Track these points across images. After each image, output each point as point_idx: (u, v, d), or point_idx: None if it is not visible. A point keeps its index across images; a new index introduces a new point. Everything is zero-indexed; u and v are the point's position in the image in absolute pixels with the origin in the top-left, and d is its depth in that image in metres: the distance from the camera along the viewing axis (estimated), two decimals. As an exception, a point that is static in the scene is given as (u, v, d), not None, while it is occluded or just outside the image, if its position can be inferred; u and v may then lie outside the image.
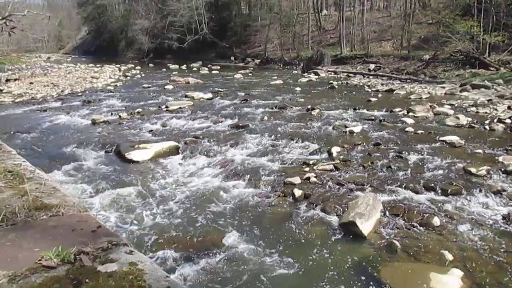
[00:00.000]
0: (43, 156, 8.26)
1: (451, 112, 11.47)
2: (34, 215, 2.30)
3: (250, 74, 27.33)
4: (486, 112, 11.43)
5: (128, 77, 25.92)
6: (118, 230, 4.71)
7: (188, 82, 21.66)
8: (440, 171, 6.72)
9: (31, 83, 21.18)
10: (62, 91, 18.52)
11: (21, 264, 1.74)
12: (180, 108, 13.20)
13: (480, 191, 5.89)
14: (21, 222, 2.22)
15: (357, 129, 9.60)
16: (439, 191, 5.97)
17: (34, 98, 16.43)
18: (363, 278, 4.05)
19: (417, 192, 5.98)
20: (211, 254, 4.43)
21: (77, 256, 1.78)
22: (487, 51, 20.50)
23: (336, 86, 18.95)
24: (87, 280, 1.61)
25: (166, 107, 13.35)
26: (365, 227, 4.84)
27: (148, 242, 4.72)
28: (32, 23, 34.31)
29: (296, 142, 8.77)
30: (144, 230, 5.00)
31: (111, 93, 17.78)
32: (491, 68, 18.85)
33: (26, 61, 32.78)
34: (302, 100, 14.73)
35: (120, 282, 1.59)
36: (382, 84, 19.35)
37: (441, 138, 8.62)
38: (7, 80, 21.65)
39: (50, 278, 1.64)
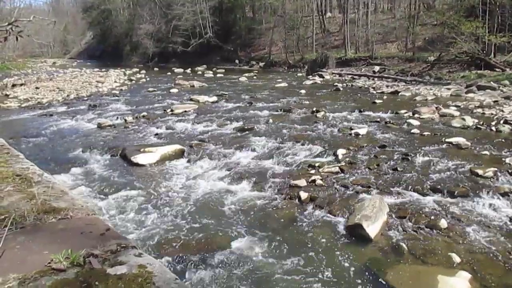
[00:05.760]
0: (50, 160, 8.30)
1: (457, 113, 11.41)
2: (43, 219, 2.32)
3: (254, 77, 27.39)
4: (492, 113, 11.36)
5: (133, 81, 26.04)
6: (126, 233, 4.72)
7: (193, 86, 21.74)
8: (447, 173, 6.68)
9: (37, 88, 21.33)
10: (67, 95, 18.64)
11: (31, 267, 1.75)
12: (185, 111, 13.25)
13: (487, 192, 5.84)
14: (30, 225, 2.23)
15: (362, 131, 9.57)
16: (446, 193, 5.93)
17: (40, 102, 16.57)
18: (370, 280, 4.03)
19: (423, 194, 5.95)
20: (218, 257, 4.44)
21: (86, 259, 1.79)
22: (492, 52, 20.38)
23: (341, 89, 18.96)
24: (96, 283, 1.61)
25: (171, 110, 13.39)
26: (372, 229, 4.82)
27: (156, 244, 4.73)
28: (38, 29, 34.53)
29: (302, 144, 8.76)
30: (151, 233, 5.01)
31: (117, 97, 17.87)
32: (497, 69, 18.74)
33: (32, 66, 32.96)
34: (307, 102, 14.74)
35: (130, 284, 1.60)
36: (387, 86, 19.32)
37: (447, 140, 8.57)
38: (14, 85, 21.82)
39: (59, 281, 1.64)
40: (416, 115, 11.42)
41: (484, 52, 20.16)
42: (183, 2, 43.87)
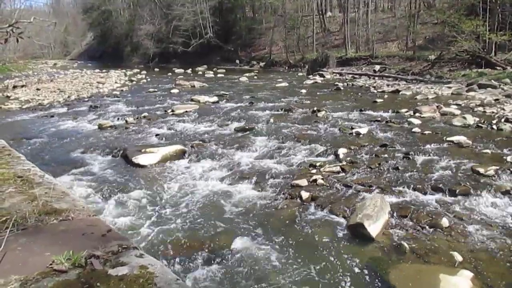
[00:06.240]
0: (51, 161, 8.31)
1: (458, 112, 11.40)
2: (44, 220, 2.32)
3: (255, 77, 27.40)
4: (493, 112, 11.34)
5: (134, 82, 26.05)
6: (127, 234, 4.72)
7: (194, 86, 21.75)
8: (448, 172, 6.67)
9: (38, 89, 21.35)
10: (68, 96, 18.66)
11: (33, 268, 1.75)
12: (186, 112, 13.26)
13: (489, 191, 5.83)
14: (32, 226, 2.23)
15: (363, 130, 9.57)
16: (447, 191, 5.92)
17: (41, 104, 16.58)
18: (371, 280, 4.03)
19: (425, 193, 5.94)
20: (220, 257, 4.44)
21: (88, 260, 1.79)
22: (493, 51, 20.35)
23: (342, 88, 18.95)
24: (98, 284, 1.61)
25: (172, 111, 13.40)
26: (373, 228, 4.81)
27: (157, 245, 4.73)
28: (38, 30, 34.60)
29: (303, 144, 8.76)
30: (153, 233, 5.01)
31: (117, 98, 17.89)
32: (498, 68, 18.72)
33: (33, 68, 33.02)
34: (308, 102, 14.73)
35: (131, 285, 1.60)
36: (387, 85, 19.29)
37: (448, 139, 8.56)
38: (15, 87, 21.87)
39: (61, 282, 1.65)
40: (417, 114, 11.41)
41: (485, 50, 20.13)
42: (183, 2, 43.88)
